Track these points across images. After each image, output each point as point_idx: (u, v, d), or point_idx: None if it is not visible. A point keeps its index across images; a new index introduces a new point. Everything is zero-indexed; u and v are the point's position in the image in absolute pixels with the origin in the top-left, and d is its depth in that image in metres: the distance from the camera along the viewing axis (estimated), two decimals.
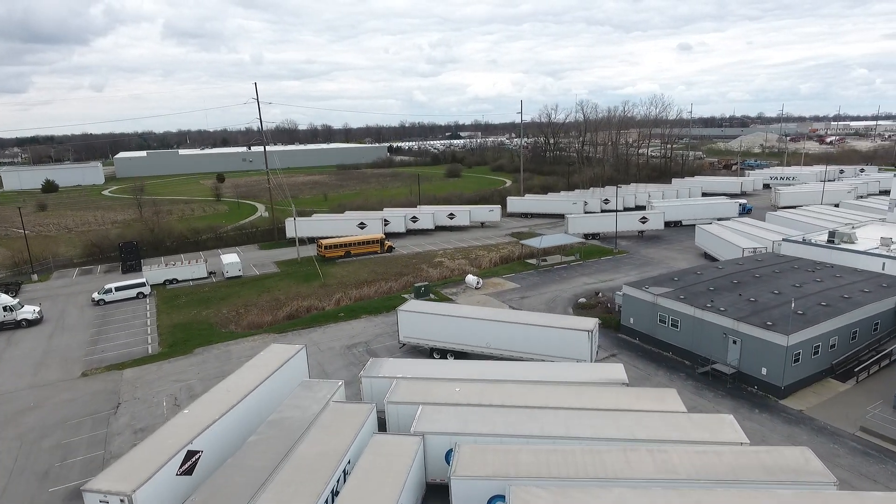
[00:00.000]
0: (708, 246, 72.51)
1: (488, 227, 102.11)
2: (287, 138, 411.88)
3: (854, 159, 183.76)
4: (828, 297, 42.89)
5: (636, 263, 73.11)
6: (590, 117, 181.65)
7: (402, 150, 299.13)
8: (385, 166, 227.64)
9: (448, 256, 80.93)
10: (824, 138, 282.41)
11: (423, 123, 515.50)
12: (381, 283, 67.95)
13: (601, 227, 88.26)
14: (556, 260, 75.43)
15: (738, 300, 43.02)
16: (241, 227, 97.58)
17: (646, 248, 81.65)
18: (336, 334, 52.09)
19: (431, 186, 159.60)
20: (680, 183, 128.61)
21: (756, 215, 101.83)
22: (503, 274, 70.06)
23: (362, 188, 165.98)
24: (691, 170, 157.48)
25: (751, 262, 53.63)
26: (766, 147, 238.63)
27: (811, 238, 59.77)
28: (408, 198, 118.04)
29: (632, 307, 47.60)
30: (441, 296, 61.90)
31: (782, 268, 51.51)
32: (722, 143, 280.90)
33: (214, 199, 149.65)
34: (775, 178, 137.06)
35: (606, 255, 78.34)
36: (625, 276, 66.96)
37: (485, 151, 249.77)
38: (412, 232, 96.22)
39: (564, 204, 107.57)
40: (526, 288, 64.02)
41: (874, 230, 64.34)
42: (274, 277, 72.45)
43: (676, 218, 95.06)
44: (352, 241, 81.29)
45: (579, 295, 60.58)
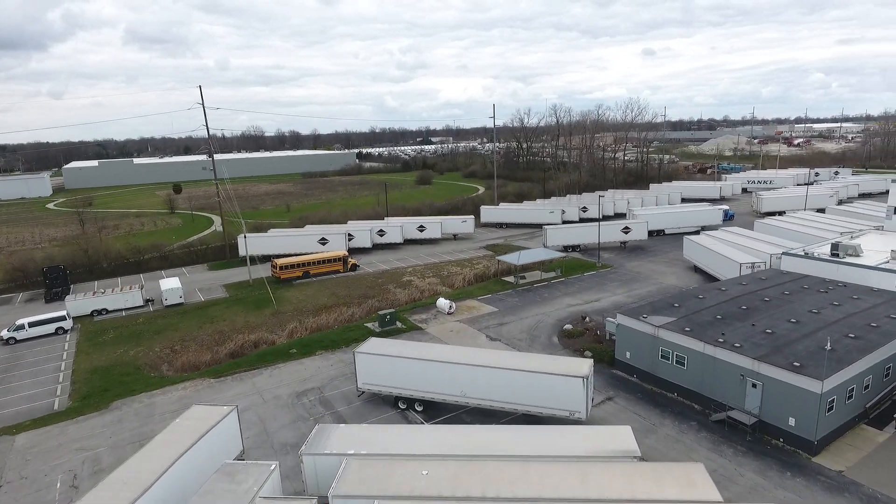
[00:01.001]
0: (699, 259, 67.01)
1: (461, 239, 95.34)
2: (253, 145, 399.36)
3: (825, 161, 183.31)
4: (853, 326, 37.18)
5: (622, 279, 67.13)
6: (563, 121, 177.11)
7: (371, 157, 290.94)
8: (353, 173, 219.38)
9: (418, 274, 73.78)
10: (791, 140, 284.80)
11: (394, 129, 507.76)
12: (342, 308, 60.37)
13: (582, 238, 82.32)
14: (536, 277, 68.97)
15: (753, 332, 36.96)
16: (189, 244, 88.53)
17: (630, 261, 75.88)
18: (285, 377, 44.37)
19: (401, 195, 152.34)
20: (658, 188, 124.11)
21: (739, 221, 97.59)
22: (478, 295, 63.21)
23: (329, 197, 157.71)
24: (668, 174, 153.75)
25: (755, 282, 47.93)
26: (738, 150, 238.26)
27: (814, 252, 54.58)
28: (374, 208, 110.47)
29: (628, 340, 41.20)
30: (409, 323, 54.69)
31: (791, 288, 45.87)
32: (693, 146, 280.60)
33: (168, 211, 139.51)
34: (753, 181, 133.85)
35: (589, 269, 72.26)
36: (612, 296, 60.87)
37: (456, 157, 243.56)
38: (379, 247, 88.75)
39: (541, 213, 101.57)
40: (504, 312, 57.29)
41: (875, 240, 59.69)
42: (220, 304, 64.11)
43: (659, 227, 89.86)
44: (311, 259, 73.37)
45: (564, 320, 54.08)
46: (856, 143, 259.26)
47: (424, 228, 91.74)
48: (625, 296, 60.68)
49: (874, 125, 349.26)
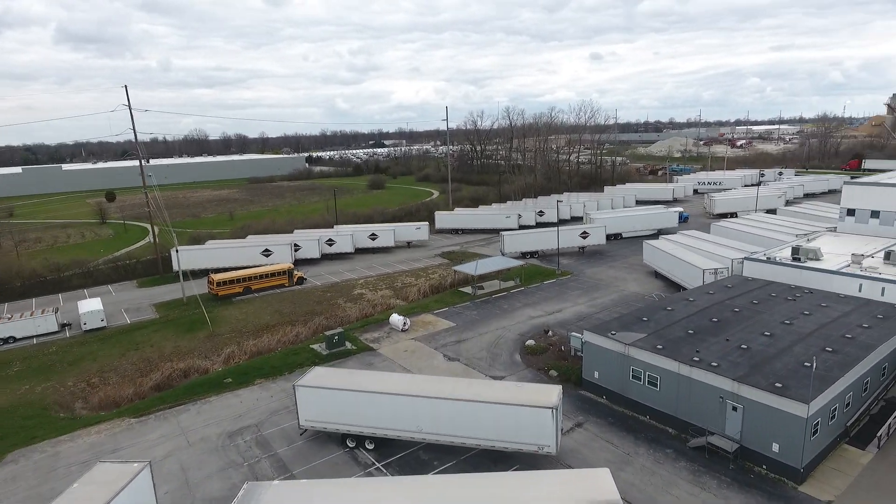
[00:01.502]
0: (660, 265, 65.33)
1: (416, 246, 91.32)
2: (197, 149, 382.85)
3: (768, 162, 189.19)
4: (828, 338, 35.34)
5: (584, 287, 64.70)
6: (517, 123, 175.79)
7: (322, 161, 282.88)
8: (303, 178, 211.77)
9: (370, 287, 69.30)
10: (735, 142, 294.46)
11: (346, 132, 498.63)
12: (286, 328, 55.29)
13: (540, 244, 79.77)
14: (495, 287, 65.71)
15: (728, 348, 34.57)
16: (117, 259, 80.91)
17: (590, 267, 73.74)
18: (217, 412, 39.21)
19: (353, 200, 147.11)
20: (612, 191, 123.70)
21: (693, 223, 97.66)
22: (434, 308, 59.35)
23: (276, 204, 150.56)
24: (621, 176, 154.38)
25: (722, 291, 46.01)
26: (685, 151, 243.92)
27: (775, 256, 53.42)
28: (323, 216, 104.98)
29: (596, 358, 38.20)
30: (360, 344, 50.25)
31: (758, 296, 44.13)
32: (642, 147, 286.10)
33: (99, 221, 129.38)
34: (703, 182, 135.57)
35: (549, 277, 69.61)
36: (574, 306, 58.21)
37: (410, 160, 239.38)
38: (328, 257, 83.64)
39: (498, 218, 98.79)
40: (462, 327, 53.63)
41: (831, 242, 59.29)
42: (149, 327, 57.80)
43: (617, 230, 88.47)
44: (252, 273, 67.65)
45: (526, 334, 50.87)
46: (793, 144, 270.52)
47: (377, 237, 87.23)
48: (587, 305, 58.14)
49: (808, 127, 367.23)
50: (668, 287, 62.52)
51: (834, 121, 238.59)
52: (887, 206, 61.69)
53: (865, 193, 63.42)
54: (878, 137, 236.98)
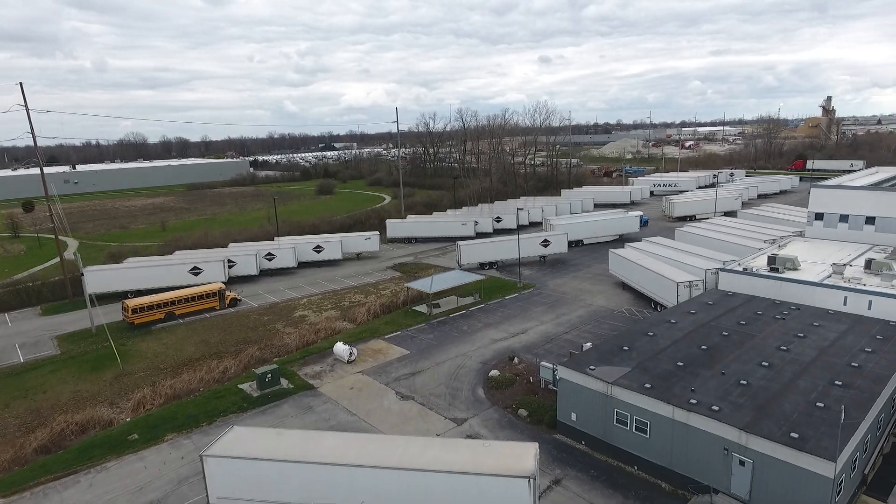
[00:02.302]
0: (628, 276, 60.99)
1: (366, 258, 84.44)
2: (133, 154, 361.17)
3: (717, 163, 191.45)
4: (833, 367, 31.06)
5: (548, 302, 59.63)
6: (470, 125, 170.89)
7: (268, 165, 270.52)
8: (246, 184, 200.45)
9: (314, 307, 62.14)
10: (683, 143, 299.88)
11: (295, 135, 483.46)
12: (212, 362, 47.59)
13: (499, 253, 74.48)
14: (452, 304, 59.80)
15: (725, 384, 29.74)
16: (18, 282, 70.35)
17: (553, 278, 68.91)
18: (113, 484, 31.54)
19: (299, 206, 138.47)
20: (570, 195, 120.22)
21: (653, 227, 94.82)
22: (386, 332, 52.86)
23: (215, 212, 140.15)
24: (577, 179, 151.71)
25: (704, 309, 41.57)
26: (636, 152, 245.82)
27: (752, 266, 49.67)
28: (264, 226, 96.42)
29: (573, 398, 32.73)
30: (298, 380, 43.25)
31: (744, 315, 39.89)
32: (594, 149, 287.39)
33: (10, 235, 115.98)
34: (659, 184, 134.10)
35: (510, 290, 64.27)
36: (539, 324, 52.94)
37: (360, 163, 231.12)
38: (268, 273, 75.72)
39: (453, 225, 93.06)
40: (417, 354, 47.40)
41: (802, 249, 56.32)
42: (46, 366, 48.85)
43: (578, 237, 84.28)
44: (176, 296, 59.21)
45: (489, 362, 45.12)
46: (737, 144, 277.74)
47: (322, 249, 79.85)
48: (554, 324, 52.98)
49: (749, 128, 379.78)
50: (638, 300, 58.26)
51: (776, 122, 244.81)
52: (856, 210, 59.33)
53: (833, 197, 60.96)
54: (815, 138, 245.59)
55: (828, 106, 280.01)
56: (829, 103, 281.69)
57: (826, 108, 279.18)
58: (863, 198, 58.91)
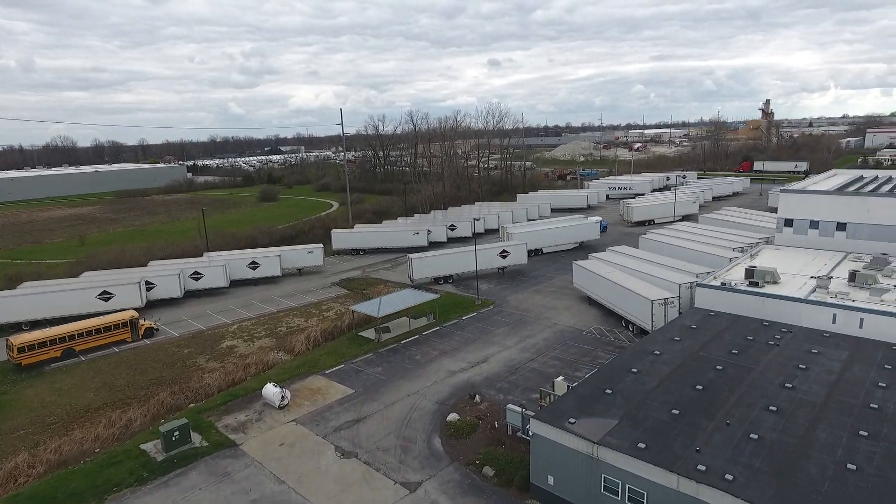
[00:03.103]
0: (594, 291, 56.11)
1: (309, 273, 76.82)
2: (61, 159, 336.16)
3: (667, 165, 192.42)
4: (850, 411, 26.52)
5: (510, 321, 54.02)
6: (421, 128, 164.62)
7: (208, 169, 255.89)
8: (183, 190, 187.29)
9: (245, 334, 54.40)
10: (632, 145, 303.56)
11: (239, 138, 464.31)
12: (114, 413, 39.44)
13: (454, 266, 68.52)
14: (404, 328, 53.32)
15: (733, 438, 24.63)
16: None
17: (514, 293, 63.47)
18: None
19: (238, 215, 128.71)
20: (526, 199, 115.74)
21: (612, 232, 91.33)
22: (327, 366, 45.87)
23: (145, 222, 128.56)
24: (531, 182, 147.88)
25: (687, 335, 36.75)
26: (588, 155, 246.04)
27: (731, 281, 45.50)
28: (194, 240, 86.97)
29: (550, 458, 26.93)
30: (215, 436, 35.79)
31: (733, 341, 35.28)
32: (546, 151, 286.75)
33: None
34: (614, 188, 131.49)
35: (468, 309, 58.38)
36: (502, 350, 47.17)
37: (307, 168, 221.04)
38: (195, 294, 67.04)
39: (405, 235, 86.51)
40: (363, 394, 40.70)
41: (774, 258, 52.90)
42: None
43: (537, 245, 79.43)
44: (76, 329, 50.15)
45: (446, 401, 38.92)
46: (684, 146, 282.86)
47: (258, 265, 71.74)
48: (518, 349, 47.32)
49: (693, 130, 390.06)
50: (607, 316, 53.43)
51: (720, 125, 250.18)
52: (826, 216, 56.61)
53: (803, 203, 58.12)
54: (757, 140, 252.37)
55: (767, 109, 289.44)
56: (767, 106, 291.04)
57: (765, 110, 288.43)
58: (834, 203, 56.23)
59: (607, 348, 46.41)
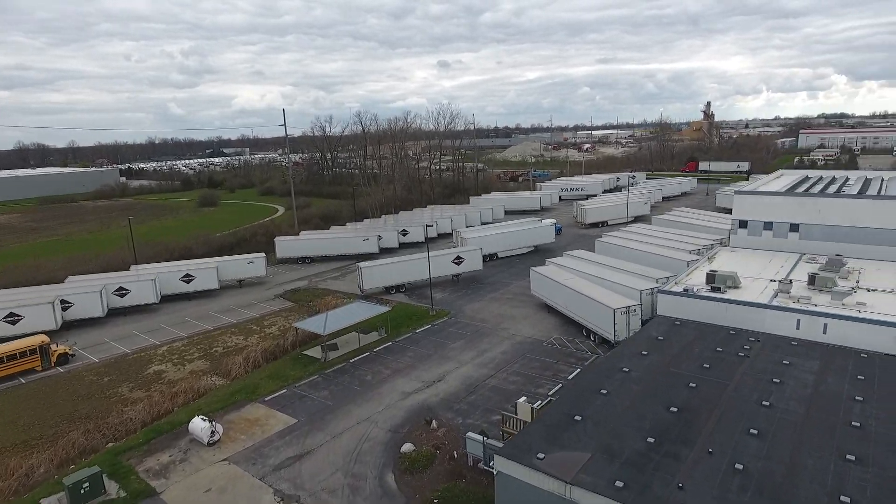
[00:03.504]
0: (553, 298, 53.85)
1: (250, 285, 71.62)
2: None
3: (616, 165, 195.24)
4: (832, 431, 24.80)
5: (467, 334, 51.04)
6: (370, 129, 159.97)
7: (144, 173, 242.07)
8: (115, 196, 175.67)
9: (175, 358, 49.21)
10: (581, 146, 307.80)
11: (179, 139, 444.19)
12: (12, 459, 33.95)
13: (407, 275, 65.06)
14: (353, 344, 49.48)
15: (716, 470, 22.36)
16: None
17: (470, 302, 60.61)
18: None
19: (175, 222, 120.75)
20: (479, 202, 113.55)
21: (566, 235, 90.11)
22: (267, 391, 41.54)
23: (70, 231, 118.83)
24: (484, 184, 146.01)
25: (655, 348, 34.68)
26: (538, 156, 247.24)
27: (693, 287, 44.05)
28: (122, 250, 79.89)
29: (517, 498, 23.97)
30: (133, 483, 31.06)
31: (703, 353, 33.43)
32: (497, 152, 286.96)
33: None
34: (567, 189, 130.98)
35: (422, 320, 55.08)
36: (459, 366, 44.09)
37: (252, 170, 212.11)
38: (120, 313, 60.87)
39: (354, 241, 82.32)
40: (307, 423, 36.72)
41: (732, 260, 52.14)
42: None
43: (492, 250, 76.94)
44: None
45: (400, 428, 35.47)
46: (630, 147, 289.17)
47: (193, 277, 66.09)
48: (476, 364, 44.36)
49: (638, 132, 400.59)
50: (566, 325, 51.25)
51: (666, 126, 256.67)
52: (780, 217, 56.41)
53: (757, 204, 57.78)
54: (700, 140, 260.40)
55: (708, 110, 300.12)
56: (708, 108, 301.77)
57: (706, 112, 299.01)
58: (786, 205, 56.06)
59: (569, 360, 44.12)
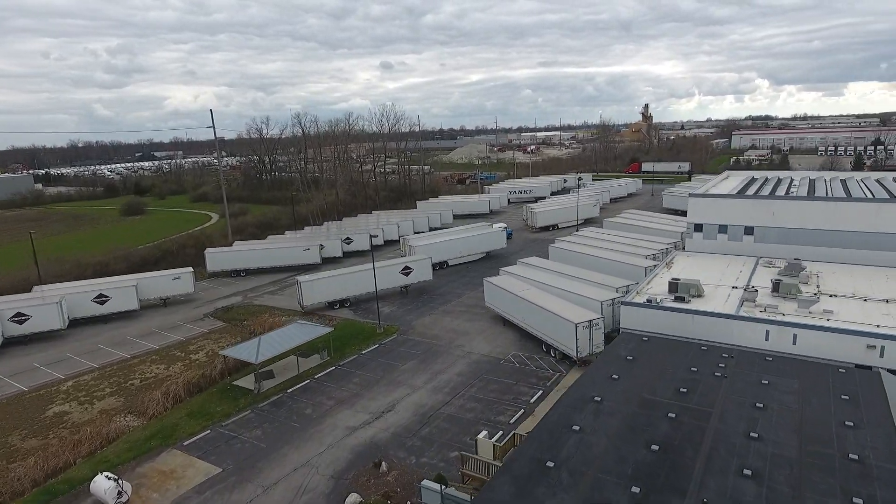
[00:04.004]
0: (510, 311, 50.42)
1: (176, 303, 64.79)
2: None
3: (562, 167, 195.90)
4: (829, 466, 22.30)
5: (418, 353, 46.88)
6: (310, 131, 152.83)
7: (64, 179, 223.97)
8: (28, 205, 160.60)
9: (81, 395, 42.59)
10: (525, 148, 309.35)
11: (105, 143, 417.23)
12: None
13: (351, 288, 60.22)
14: (291, 370, 44.38)
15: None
16: None
17: (420, 316, 56.50)
18: None
19: (92, 234, 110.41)
20: (427, 206, 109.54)
21: (517, 239, 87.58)
22: (189, 433, 35.94)
23: None
24: (431, 188, 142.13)
25: (625, 370, 31.67)
26: (485, 158, 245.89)
27: (656, 297, 41.63)
28: (20, 272, 70.61)
29: None
30: None
31: (677, 373, 30.69)
32: (443, 154, 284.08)
33: None
34: (514, 191, 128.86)
35: (368, 339, 50.52)
36: (410, 393, 39.92)
37: (184, 175, 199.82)
38: (19, 342, 53.06)
39: (294, 251, 76.56)
40: (234, 472, 31.53)
41: (692, 267, 50.48)
42: None
43: (443, 258, 73.16)
44: None
45: (344, 474, 30.90)
46: (573, 148, 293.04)
47: (108, 298, 58.80)
48: (429, 389, 40.30)
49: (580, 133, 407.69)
50: (524, 339, 47.98)
51: (608, 128, 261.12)
52: (734, 220, 55.43)
53: (711, 207, 56.64)
54: (640, 142, 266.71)
55: (646, 112, 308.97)
56: (647, 110, 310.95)
57: (645, 114, 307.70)
58: (741, 207, 55.11)
59: (530, 381, 40.77)
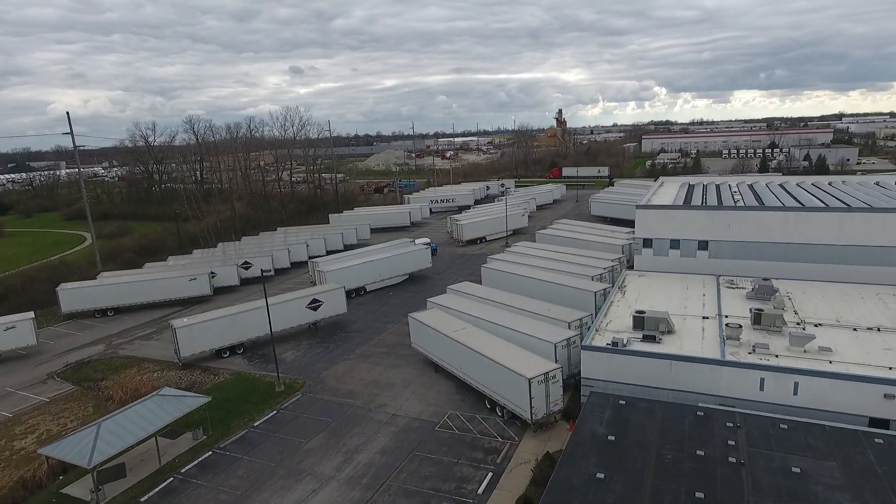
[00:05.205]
0: (445, 358, 40.92)
1: (10, 360, 49.97)
2: None
3: (483, 173, 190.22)
4: None
5: (329, 421, 36.36)
6: (205, 137, 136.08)
7: None
8: None
9: None
10: (444, 154, 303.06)
11: None
12: None
13: (244, 331, 48.42)
14: (151, 462, 32.43)
15: None
16: None
17: (332, 363, 45.86)
18: None
19: None
20: (341, 220, 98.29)
21: (443, 255, 78.83)
22: None
23: None
24: (346, 198, 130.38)
25: (611, 462, 23.31)
26: (402, 164, 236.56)
27: (622, 338, 33.78)
28: None
29: None
30: None
31: (680, 461, 22.79)
32: (358, 161, 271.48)
33: None
34: (436, 201, 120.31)
35: (264, 402, 39.37)
36: (315, 488, 29.69)
37: (59, 189, 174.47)
38: None
39: (177, 283, 63.07)
40: None
41: (647, 290, 43.62)
42: None
43: (359, 283, 62.92)
44: None
45: None
46: (491, 154, 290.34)
47: None
48: (344, 481, 30.02)
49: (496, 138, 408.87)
50: (463, 391, 38.83)
51: (526, 133, 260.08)
52: (687, 234, 49.66)
53: (661, 220, 50.59)
54: (556, 147, 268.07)
55: (560, 118, 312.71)
56: (561, 115, 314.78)
57: (559, 119, 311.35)
58: (694, 219, 49.37)
59: (475, 456, 31.59)
